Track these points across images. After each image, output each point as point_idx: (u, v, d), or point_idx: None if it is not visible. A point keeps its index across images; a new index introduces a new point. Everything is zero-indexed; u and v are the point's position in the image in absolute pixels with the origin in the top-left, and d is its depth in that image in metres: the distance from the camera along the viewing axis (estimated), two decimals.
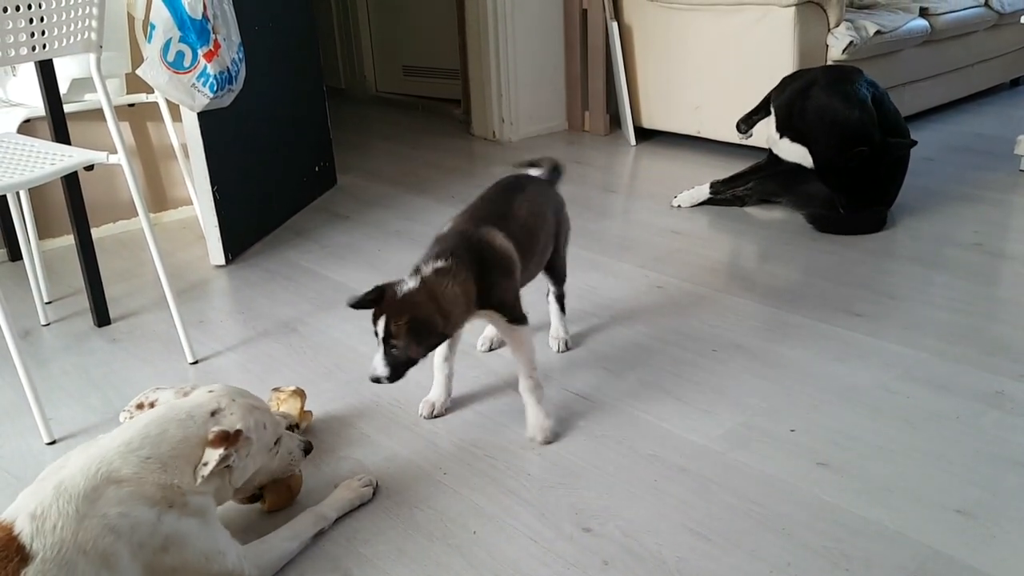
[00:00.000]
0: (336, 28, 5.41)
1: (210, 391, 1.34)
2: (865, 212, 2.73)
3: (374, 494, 1.52)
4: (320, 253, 2.73)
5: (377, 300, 1.52)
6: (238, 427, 1.28)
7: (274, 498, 1.49)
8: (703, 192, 3.02)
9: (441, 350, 1.73)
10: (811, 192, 2.85)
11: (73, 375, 2.02)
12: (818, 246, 2.60)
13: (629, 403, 1.79)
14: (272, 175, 2.97)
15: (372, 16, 5.22)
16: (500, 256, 1.62)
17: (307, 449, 1.48)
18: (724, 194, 3.01)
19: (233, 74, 2.18)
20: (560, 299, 1.99)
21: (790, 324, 2.11)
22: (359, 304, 1.53)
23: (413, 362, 1.54)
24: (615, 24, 3.81)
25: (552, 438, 1.67)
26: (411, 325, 1.49)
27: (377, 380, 1.54)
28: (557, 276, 1.95)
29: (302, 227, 2.99)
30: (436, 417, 1.76)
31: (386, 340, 1.51)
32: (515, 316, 1.65)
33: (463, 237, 1.62)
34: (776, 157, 2.89)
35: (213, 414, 1.28)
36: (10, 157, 1.90)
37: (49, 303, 2.43)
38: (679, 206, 3.02)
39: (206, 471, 1.21)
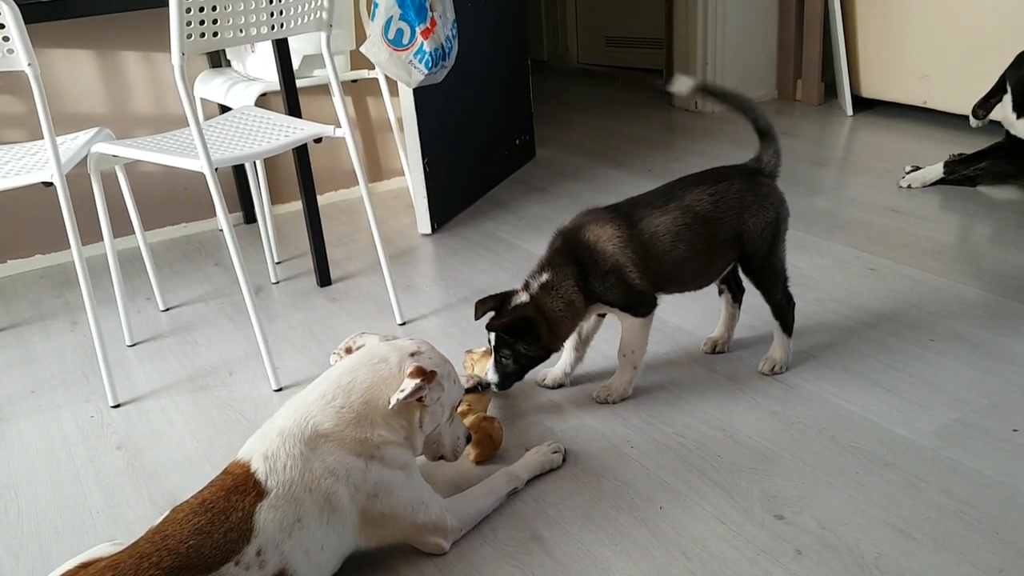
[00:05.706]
0: (542, 0, 5.46)
1: (411, 339, 1.42)
2: None
3: (563, 461, 1.56)
4: (517, 224, 2.81)
5: (497, 309, 1.63)
6: (434, 369, 1.34)
7: (480, 450, 1.58)
8: (936, 172, 2.78)
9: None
10: None
11: (298, 329, 2.22)
12: None
13: (831, 391, 1.71)
14: (476, 148, 3.08)
15: None
16: (602, 257, 1.62)
17: (468, 438, 1.52)
18: (958, 174, 2.76)
19: (447, 51, 2.27)
20: (776, 313, 1.74)
21: (1019, 315, 1.92)
22: (485, 307, 1.65)
23: (520, 374, 1.66)
24: None
25: (613, 399, 1.74)
26: (517, 339, 1.60)
27: (486, 387, 1.67)
28: (758, 283, 1.73)
29: (501, 199, 3.08)
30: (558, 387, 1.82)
31: (497, 350, 1.63)
32: (627, 309, 1.67)
33: (565, 241, 1.66)
34: (1015, 137, 2.61)
35: (413, 354, 1.35)
36: (250, 128, 2.11)
37: (279, 263, 2.67)
38: (908, 186, 2.80)
39: (401, 396, 1.27)
